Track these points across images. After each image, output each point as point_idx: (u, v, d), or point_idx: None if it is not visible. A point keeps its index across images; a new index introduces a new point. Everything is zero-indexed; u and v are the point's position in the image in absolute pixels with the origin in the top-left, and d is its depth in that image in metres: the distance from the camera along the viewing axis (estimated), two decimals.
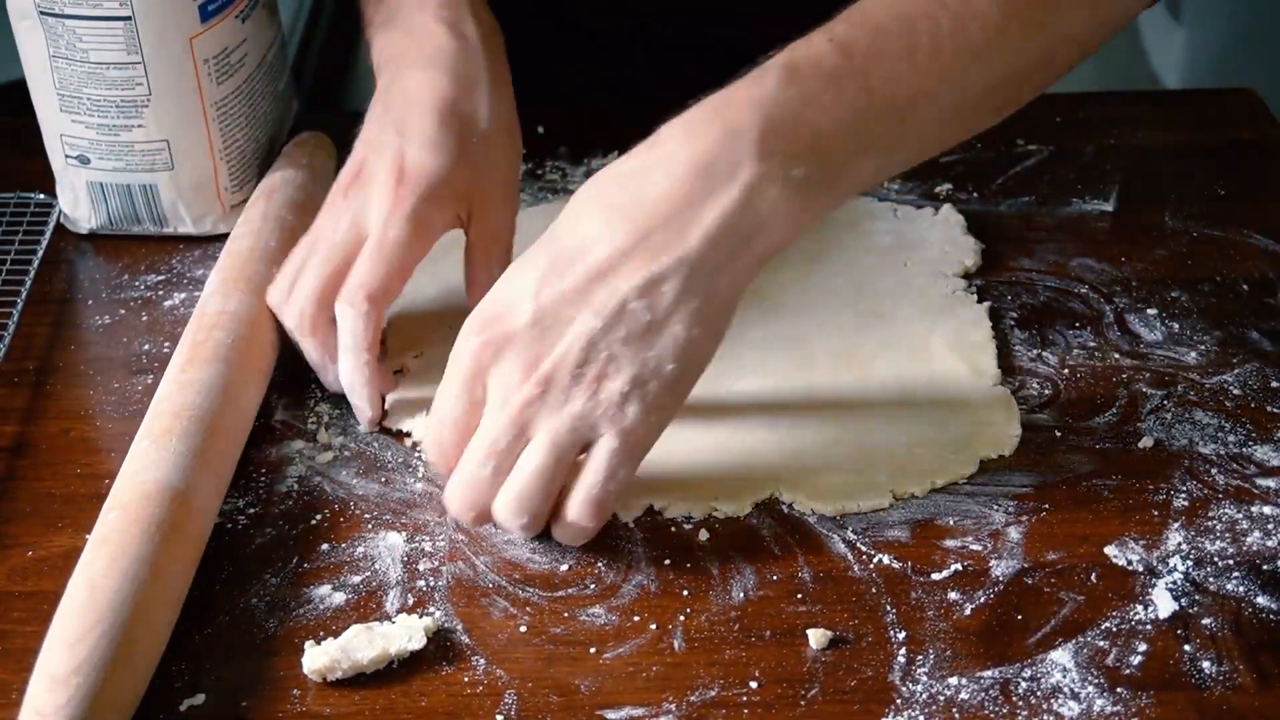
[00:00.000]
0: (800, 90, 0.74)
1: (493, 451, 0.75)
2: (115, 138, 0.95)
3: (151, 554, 0.70)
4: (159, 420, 0.78)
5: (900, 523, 0.79)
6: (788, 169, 0.73)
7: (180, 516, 0.73)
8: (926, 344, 0.90)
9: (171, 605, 0.71)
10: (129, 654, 0.67)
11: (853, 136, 0.75)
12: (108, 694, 0.66)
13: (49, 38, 0.92)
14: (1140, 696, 0.69)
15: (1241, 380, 0.87)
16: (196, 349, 0.82)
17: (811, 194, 0.75)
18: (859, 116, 0.75)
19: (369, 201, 0.85)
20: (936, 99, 0.76)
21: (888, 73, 0.75)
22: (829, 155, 0.74)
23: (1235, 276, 0.96)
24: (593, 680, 0.71)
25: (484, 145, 0.88)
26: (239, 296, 0.86)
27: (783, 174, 0.73)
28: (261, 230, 0.92)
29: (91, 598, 0.68)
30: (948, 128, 0.79)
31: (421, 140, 0.86)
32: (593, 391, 0.73)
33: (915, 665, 0.71)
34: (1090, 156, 1.07)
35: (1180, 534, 0.78)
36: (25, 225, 0.98)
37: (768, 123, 0.73)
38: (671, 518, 0.79)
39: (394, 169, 0.85)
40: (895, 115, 0.75)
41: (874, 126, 0.75)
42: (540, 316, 0.73)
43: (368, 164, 0.87)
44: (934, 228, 0.99)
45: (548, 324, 0.73)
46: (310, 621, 0.74)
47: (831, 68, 0.74)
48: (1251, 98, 1.14)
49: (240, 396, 0.82)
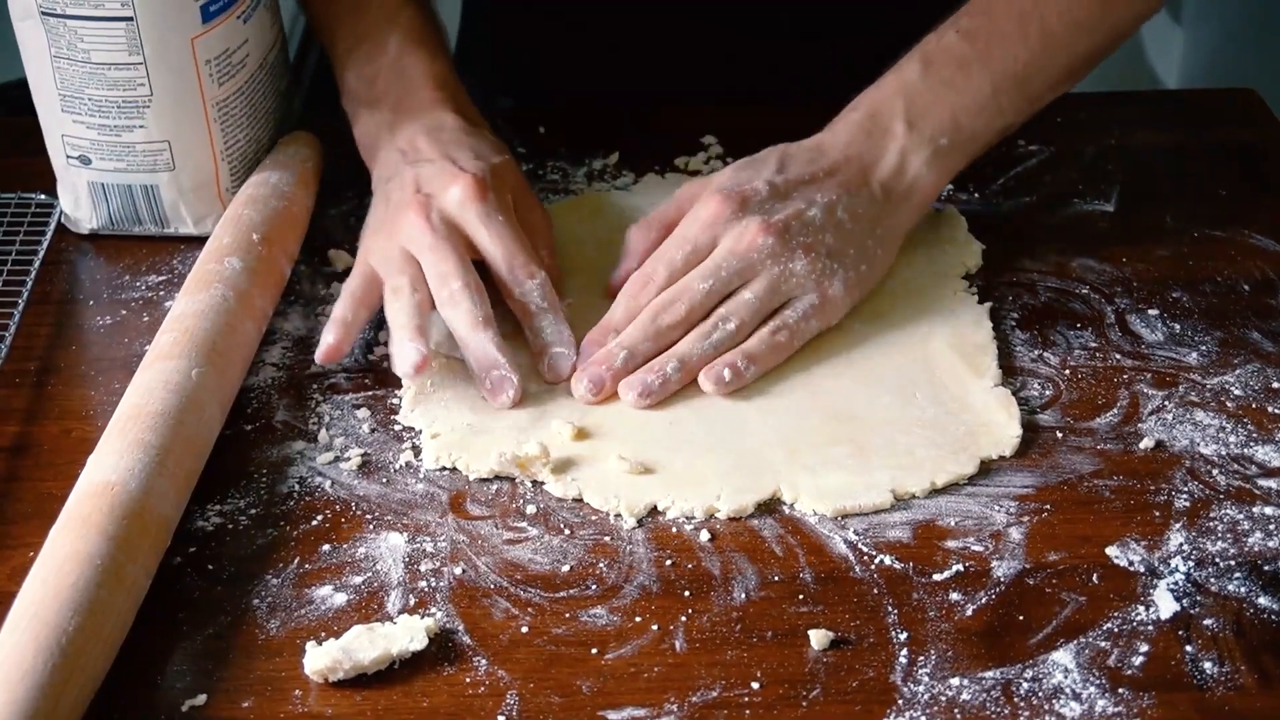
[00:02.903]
0: (936, 75, 0.92)
1: (714, 273, 0.87)
2: (116, 138, 0.95)
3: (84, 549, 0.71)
4: (115, 424, 0.79)
5: (901, 523, 0.79)
6: (935, 139, 0.92)
7: (111, 506, 0.73)
8: (928, 345, 0.90)
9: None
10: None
11: (982, 109, 0.92)
12: None
13: (50, 38, 0.91)
14: (1142, 697, 0.69)
15: (1242, 381, 0.87)
16: (150, 353, 0.84)
17: (953, 156, 0.93)
18: (986, 92, 0.92)
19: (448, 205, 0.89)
20: (1049, 69, 0.93)
21: (1007, 53, 0.92)
22: (965, 126, 0.92)
23: (1236, 276, 0.96)
24: (594, 681, 0.71)
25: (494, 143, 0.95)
26: (186, 298, 0.88)
27: (931, 143, 0.91)
28: (220, 232, 0.93)
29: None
30: (1059, 87, 0.95)
31: (462, 150, 0.93)
32: (812, 259, 0.88)
33: (917, 666, 0.71)
34: (1091, 157, 1.07)
35: (1182, 535, 0.78)
36: (26, 225, 0.98)
37: (910, 103, 0.92)
38: (673, 518, 0.79)
39: (454, 175, 0.90)
40: (1016, 86, 0.92)
41: (1000, 98, 0.92)
42: (776, 192, 0.89)
43: (423, 183, 0.90)
44: (935, 228, 0.99)
45: (782, 199, 0.89)
46: (312, 622, 0.74)
47: (960, 54, 0.92)
48: (1251, 98, 1.14)
49: (171, 380, 0.82)
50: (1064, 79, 0.94)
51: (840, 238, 0.89)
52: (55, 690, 0.66)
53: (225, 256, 0.90)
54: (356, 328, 0.88)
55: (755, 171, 0.91)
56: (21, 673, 0.66)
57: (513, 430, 0.84)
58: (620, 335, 0.87)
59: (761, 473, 0.81)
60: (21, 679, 0.66)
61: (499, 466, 0.81)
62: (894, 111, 0.92)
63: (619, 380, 0.85)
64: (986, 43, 0.92)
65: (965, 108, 0.92)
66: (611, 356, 0.86)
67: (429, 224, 0.88)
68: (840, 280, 0.88)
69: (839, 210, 0.89)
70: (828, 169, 0.91)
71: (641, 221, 0.93)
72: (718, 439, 0.84)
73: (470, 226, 0.89)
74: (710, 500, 0.80)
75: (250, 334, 0.88)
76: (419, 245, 0.88)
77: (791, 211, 0.88)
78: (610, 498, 0.80)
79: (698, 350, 0.86)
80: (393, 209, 0.91)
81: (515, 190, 0.94)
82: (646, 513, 0.80)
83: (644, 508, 0.80)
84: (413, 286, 0.87)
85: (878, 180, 0.91)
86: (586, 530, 0.79)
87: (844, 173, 0.91)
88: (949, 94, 0.92)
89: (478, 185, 0.89)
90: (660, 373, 0.85)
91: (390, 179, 0.93)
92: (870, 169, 0.91)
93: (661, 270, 0.88)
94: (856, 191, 0.90)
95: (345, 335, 0.87)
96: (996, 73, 0.92)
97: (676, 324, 0.86)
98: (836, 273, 0.88)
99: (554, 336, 0.87)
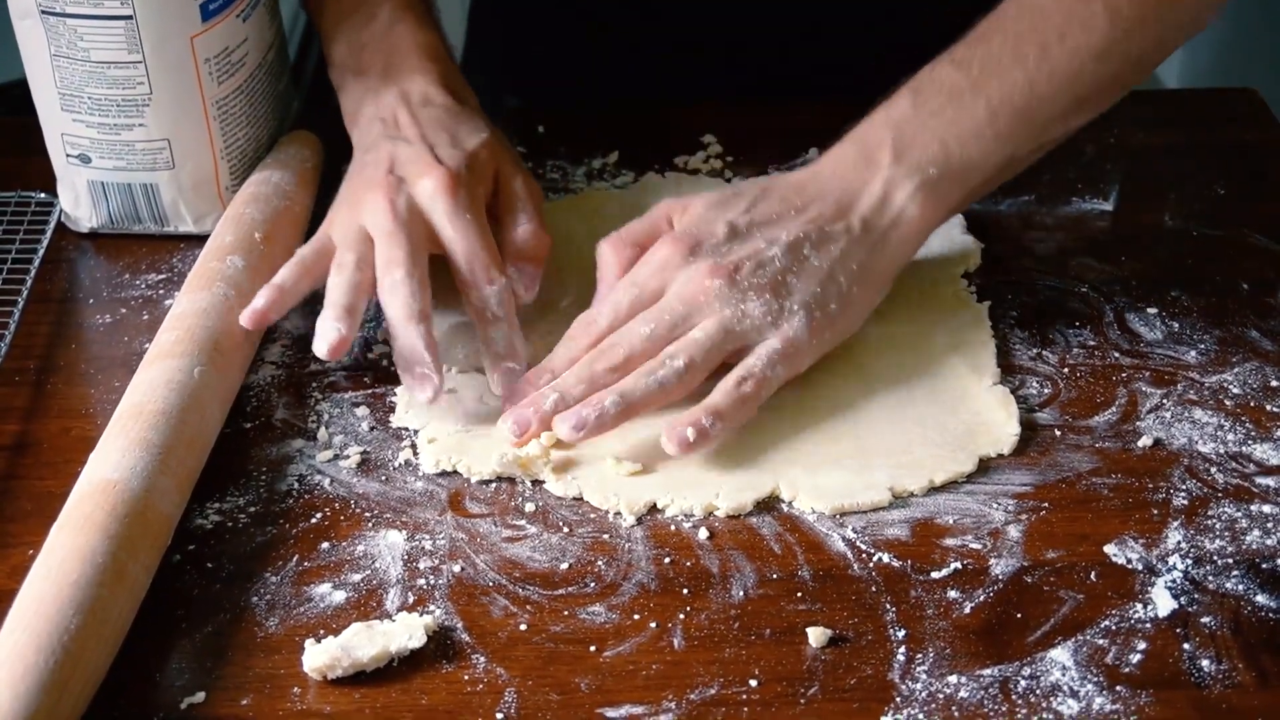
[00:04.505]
0: (926, 105, 0.88)
1: (658, 317, 0.83)
2: (116, 137, 0.95)
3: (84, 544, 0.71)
4: (116, 422, 0.79)
5: (900, 521, 0.79)
6: (923, 170, 0.87)
7: (113, 505, 0.74)
8: (927, 343, 0.90)
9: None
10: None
11: (976, 137, 0.88)
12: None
13: (50, 37, 0.92)
14: (1139, 695, 0.69)
15: (1241, 379, 0.88)
16: (151, 351, 0.84)
17: (945, 187, 0.88)
18: (981, 120, 0.87)
19: (419, 195, 0.88)
20: (1053, 97, 0.88)
21: (1004, 80, 0.88)
22: (956, 155, 0.88)
23: (1235, 276, 0.96)
24: (593, 679, 0.71)
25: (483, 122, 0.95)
26: (188, 296, 0.88)
27: (919, 174, 0.87)
28: (222, 231, 0.93)
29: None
30: (1071, 117, 0.90)
31: (441, 134, 0.91)
32: (768, 299, 0.84)
33: (915, 664, 0.71)
34: (1090, 156, 1.07)
35: (1180, 533, 0.78)
36: (26, 224, 0.98)
37: (898, 134, 0.88)
38: (671, 516, 0.80)
39: (428, 165, 0.89)
40: (1016, 115, 0.88)
41: (997, 126, 0.88)
42: (734, 233, 0.86)
43: (397, 165, 0.89)
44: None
45: (739, 239, 0.86)
46: (311, 620, 0.74)
47: (953, 84, 0.88)
48: (1251, 98, 1.14)
49: (173, 379, 0.82)
50: (1074, 108, 0.89)
51: (805, 277, 0.85)
52: (57, 688, 0.66)
53: (228, 255, 0.90)
54: (292, 296, 0.87)
55: (721, 210, 0.87)
56: (24, 670, 0.66)
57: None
58: (555, 379, 0.84)
59: (760, 471, 0.81)
60: (24, 677, 0.66)
61: (501, 468, 0.82)
62: (881, 142, 0.88)
63: (546, 422, 0.81)
64: (981, 71, 0.88)
65: (957, 137, 0.87)
66: (540, 399, 0.82)
67: (392, 209, 0.87)
68: (801, 321, 0.84)
69: (805, 248, 0.85)
70: (800, 205, 0.87)
71: (613, 236, 0.89)
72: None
73: (437, 220, 0.88)
74: (709, 498, 0.80)
75: (252, 333, 0.88)
76: (378, 228, 0.87)
77: (746, 252, 0.85)
78: (610, 496, 0.80)
79: (641, 386, 0.81)
80: (363, 185, 0.90)
81: (501, 165, 0.93)
82: (645, 511, 0.80)
83: (643, 506, 0.80)
84: (358, 265, 0.86)
85: (858, 215, 0.87)
86: (585, 528, 0.79)
87: (817, 208, 0.87)
88: (938, 124, 0.88)
89: (450, 180, 0.88)
90: (597, 406, 0.81)
91: (368, 150, 0.92)
92: (850, 203, 0.87)
93: (606, 313, 0.85)
94: (829, 228, 0.86)
95: (277, 300, 0.86)
96: (993, 101, 0.87)
97: (614, 368, 0.83)
98: (797, 313, 0.84)
99: (504, 348, 0.86)
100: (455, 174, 0.89)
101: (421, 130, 0.92)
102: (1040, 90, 0.88)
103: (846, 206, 0.87)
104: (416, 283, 0.85)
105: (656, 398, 0.82)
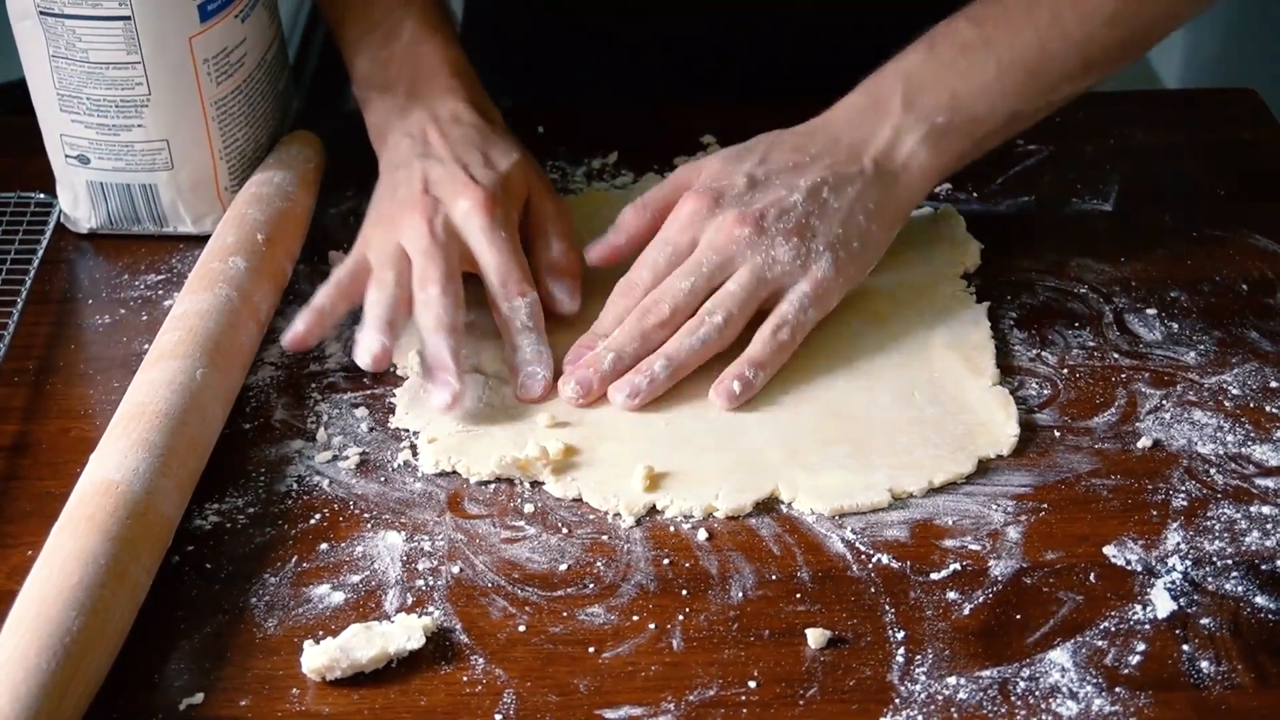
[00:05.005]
0: (938, 56, 0.92)
1: (695, 270, 0.87)
2: (115, 137, 0.95)
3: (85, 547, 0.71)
4: (118, 422, 0.79)
5: (899, 522, 0.79)
6: (932, 118, 0.91)
7: (114, 506, 0.73)
8: (926, 344, 0.90)
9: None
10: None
11: (985, 91, 0.91)
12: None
13: (49, 37, 0.92)
14: (1139, 696, 0.69)
15: (1240, 380, 0.87)
16: (153, 351, 0.84)
17: (951, 136, 0.91)
18: (990, 74, 0.91)
19: (455, 215, 0.89)
20: (1063, 58, 0.91)
21: (1016, 38, 0.91)
22: (965, 106, 0.91)
23: (1235, 276, 0.96)
24: (591, 680, 0.71)
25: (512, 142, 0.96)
26: (190, 297, 0.87)
27: (928, 121, 0.91)
28: (223, 231, 0.93)
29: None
30: (1078, 79, 0.93)
31: (474, 154, 0.93)
32: (795, 243, 0.87)
33: (914, 665, 0.71)
34: (1090, 156, 1.07)
35: (1179, 534, 0.78)
36: (25, 225, 0.98)
37: (909, 83, 0.91)
38: (671, 517, 0.80)
39: (465, 185, 0.90)
40: (1025, 72, 0.91)
41: (1005, 81, 0.91)
42: (754, 183, 0.89)
43: (432, 184, 0.90)
44: (933, 228, 0.99)
45: (760, 188, 0.89)
46: (309, 621, 0.74)
47: (965, 38, 0.92)
48: (1251, 98, 1.14)
49: (175, 380, 0.82)
50: (1083, 71, 0.92)
51: (827, 219, 0.89)
52: (59, 690, 0.66)
53: (229, 256, 0.90)
54: (331, 319, 0.88)
55: (738, 163, 0.91)
56: (25, 672, 0.66)
57: (509, 432, 0.84)
58: (608, 339, 0.87)
59: (760, 472, 0.81)
60: (25, 678, 0.66)
61: (500, 469, 0.82)
62: (892, 91, 0.92)
63: (607, 383, 0.85)
64: (994, 27, 0.91)
65: (966, 88, 0.91)
66: (599, 359, 0.86)
67: (430, 229, 0.88)
68: (828, 261, 0.88)
69: (824, 191, 0.89)
70: (816, 153, 0.91)
71: (637, 202, 0.92)
72: (716, 438, 0.84)
73: (472, 238, 0.89)
74: (708, 499, 0.80)
75: (253, 335, 0.88)
76: (416, 246, 0.88)
77: (770, 199, 0.88)
78: (609, 497, 0.80)
79: (685, 347, 0.85)
80: (398, 205, 0.90)
81: (532, 188, 0.94)
82: (645, 512, 0.80)
83: (643, 507, 0.80)
84: (397, 282, 0.87)
85: (869, 157, 0.91)
86: (584, 529, 0.79)
87: (832, 154, 0.91)
88: (949, 74, 0.91)
89: (487, 200, 0.89)
90: (648, 373, 0.85)
91: (399, 168, 0.93)
92: (862, 147, 0.91)
93: (645, 274, 0.89)
94: (845, 171, 0.90)
95: (317, 324, 0.87)
96: (1003, 57, 0.91)
97: (662, 324, 0.86)
98: (823, 254, 0.88)
99: (532, 355, 0.87)
100: (491, 194, 0.90)
101: (452, 149, 0.93)
102: (1051, 50, 0.91)
103: (858, 150, 0.91)
104: (451, 298, 0.86)
105: (701, 355, 0.86)
